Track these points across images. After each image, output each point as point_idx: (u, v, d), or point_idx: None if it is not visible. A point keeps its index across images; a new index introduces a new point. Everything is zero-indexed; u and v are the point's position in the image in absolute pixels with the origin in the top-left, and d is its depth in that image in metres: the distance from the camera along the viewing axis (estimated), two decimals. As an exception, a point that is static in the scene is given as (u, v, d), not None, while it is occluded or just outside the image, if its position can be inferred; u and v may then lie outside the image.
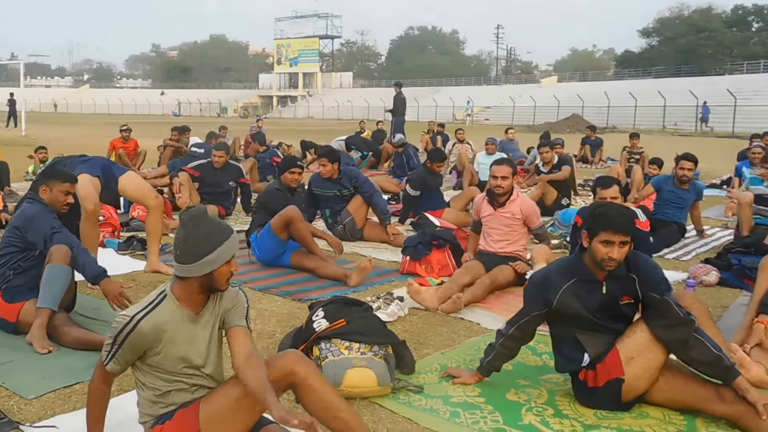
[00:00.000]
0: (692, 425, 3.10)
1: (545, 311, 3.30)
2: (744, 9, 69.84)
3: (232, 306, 2.68)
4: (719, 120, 37.88)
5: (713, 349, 3.03)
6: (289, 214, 5.74)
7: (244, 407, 2.58)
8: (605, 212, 3.18)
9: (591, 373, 3.19)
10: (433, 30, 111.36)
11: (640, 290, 3.17)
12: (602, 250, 3.13)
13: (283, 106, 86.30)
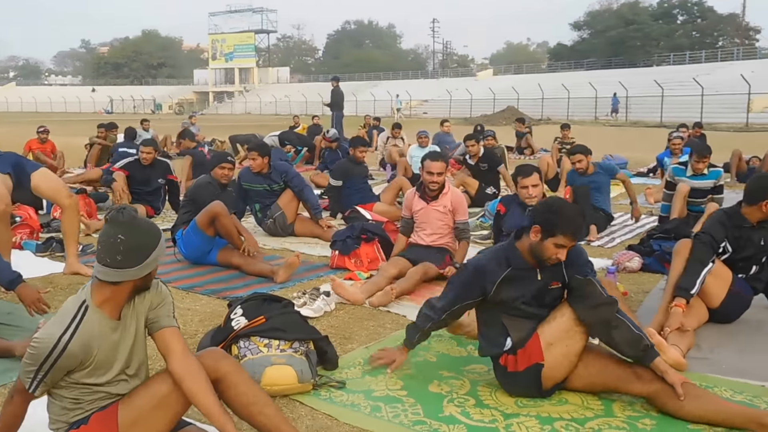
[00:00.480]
0: (609, 409, 3.14)
1: (480, 299, 3.31)
2: (669, 2, 71.88)
3: (158, 303, 2.59)
4: (648, 111, 38.86)
5: (634, 329, 3.08)
6: (214, 210, 5.62)
7: (167, 406, 2.51)
8: (569, 217, 3.19)
9: (511, 358, 3.20)
10: (369, 24, 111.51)
11: (566, 273, 3.22)
12: (553, 251, 3.16)
13: (219, 102, 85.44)
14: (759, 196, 4.22)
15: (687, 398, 2.98)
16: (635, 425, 2.99)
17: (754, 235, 4.26)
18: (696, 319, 4.12)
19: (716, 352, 3.90)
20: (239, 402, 2.58)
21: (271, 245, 6.80)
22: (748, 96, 33.99)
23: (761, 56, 56.26)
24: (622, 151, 15.66)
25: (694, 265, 4.06)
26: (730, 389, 3.37)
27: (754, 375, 3.54)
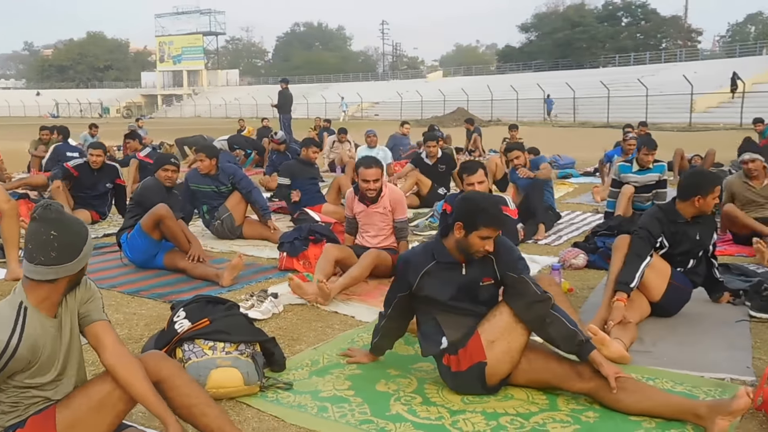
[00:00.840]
0: (554, 403, 3.19)
1: (407, 293, 3.36)
2: (614, 4, 73.20)
3: (88, 298, 2.56)
4: (595, 111, 39.52)
5: (569, 324, 3.12)
6: (159, 212, 5.56)
7: (107, 407, 2.48)
8: (487, 209, 3.25)
9: (454, 358, 3.23)
10: (319, 26, 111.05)
11: (498, 270, 3.26)
12: (479, 243, 3.21)
13: (168, 106, 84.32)
14: (691, 192, 4.33)
15: (626, 392, 3.04)
16: (579, 418, 3.04)
17: (690, 231, 4.38)
18: (638, 312, 4.21)
19: (658, 345, 3.98)
20: (181, 403, 2.56)
21: (219, 248, 6.75)
22: (690, 96, 34.82)
23: (703, 57, 57.84)
24: (569, 151, 15.92)
25: (632, 260, 4.15)
26: (671, 380, 3.45)
27: (694, 366, 3.63)
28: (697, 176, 4.55)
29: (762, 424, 2.97)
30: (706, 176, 4.53)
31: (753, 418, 3.02)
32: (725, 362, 3.67)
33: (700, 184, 4.36)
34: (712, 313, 4.53)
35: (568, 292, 4.98)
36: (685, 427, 2.93)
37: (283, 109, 19.93)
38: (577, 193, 10.93)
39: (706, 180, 4.41)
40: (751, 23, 79.46)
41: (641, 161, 7.27)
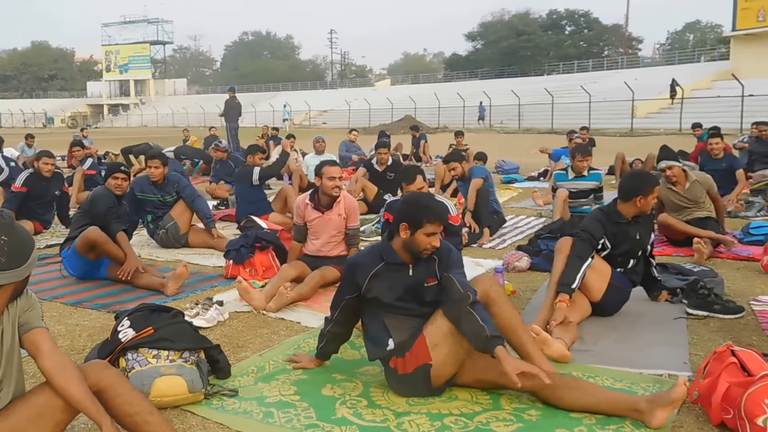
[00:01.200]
0: (497, 403, 3.24)
1: (356, 295, 3.39)
2: (558, 14, 74.66)
3: (28, 307, 2.53)
4: (539, 118, 40.16)
5: (480, 320, 3.11)
6: (90, 237, 5.49)
7: (46, 417, 2.45)
8: (429, 205, 3.31)
9: (401, 360, 3.26)
10: (267, 35, 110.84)
11: (439, 271, 3.32)
12: (426, 241, 3.26)
13: (114, 115, 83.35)
14: (633, 193, 4.46)
15: (565, 390, 3.11)
16: (521, 416, 3.09)
17: (630, 230, 4.50)
18: (579, 313, 4.31)
19: (598, 344, 4.07)
20: (124, 412, 2.55)
21: (164, 257, 6.70)
22: (632, 102, 35.70)
23: (644, 65, 59.36)
24: (514, 157, 16.17)
25: (574, 261, 4.24)
26: (611, 378, 3.53)
27: (633, 363, 3.72)
28: (638, 177, 4.69)
29: (698, 418, 3.06)
30: (646, 177, 4.66)
31: (689, 412, 3.12)
32: (663, 359, 3.77)
33: (641, 185, 4.49)
34: (651, 311, 4.65)
35: (511, 295, 5.07)
36: (624, 422, 3.00)
37: (229, 117, 19.81)
38: (521, 197, 11.10)
39: (646, 181, 4.55)
40: (689, 31, 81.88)
41: (576, 168, 7.44)
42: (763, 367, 2.94)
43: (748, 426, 2.74)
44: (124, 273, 5.51)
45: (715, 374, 3.01)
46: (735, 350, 3.05)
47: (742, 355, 3.01)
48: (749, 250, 6.41)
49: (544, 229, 6.68)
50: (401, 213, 3.38)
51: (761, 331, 4.23)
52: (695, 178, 6.78)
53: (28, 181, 7.99)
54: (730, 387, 2.89)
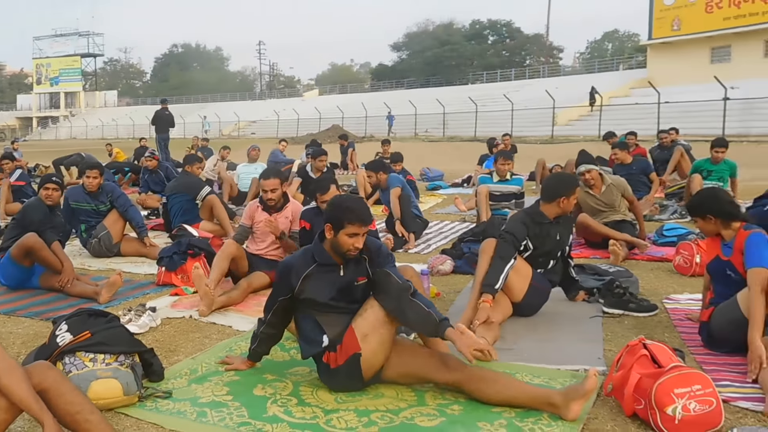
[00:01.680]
0: (422, 399, 3.36)
1: (289, 296, 3.48)
2: (480, 23, 76.07)
3: None
4: (463, 126, 40.81)
5: (425, 307, 3.29)
6: (28, 243, 5.45)
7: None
8: (350, 207, 3.40)
9: (332, 354, 3.36)
10: (197, 47, 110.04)
11: (370, 269, 3.44)
12: (348, 242, 3.36)
13: (43, 128, 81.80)
14: (556, 194, 4.66)
15: (487, 382, 3.24)
16: (445, 411, 3.22)
17: (552, 230, 4.70)
18: (501, 313, 4.45)
19: (519, 342, 4.23)
20: (65, 411, 2.61)
21: (97, 266, 6.70)
22: (553, 110, 36.60)
23: (564, 73, 60.89)
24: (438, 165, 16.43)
25: (497, 263, 4.37)
26: (530, 374, 3.68)
27: (551, 360, 3.89)
28: (561, 179, 4.89)
29: (611, 409, 3.22)
30: (567, 179, 4.89)
31: (604, 404, 3.27)
32: (579, 355, 3.95)
33: (563, 186, 4.70)
34: (569, 311, 4.85)
35: (435, 297, 5.18)
36: (542, 414, 3.14)
37: (158, 129, 19.75)
38: (445, 203, 11.31)
39: (568, 182, 4.77)
40: (608, 40, 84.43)
41: (499, 171, 7.66)
42: (673, 359, 3.11)
43: (658, 415, 2.90)
44: (62, 281, 5.49)
45: (627, 367, 3.17)
46: (647, 343, 3.22)
47: (653, 348, 3.18)
48: (662, 251, 6.71)
49: (467, 233, 6.84)
50: (326, 213, 3.50)
51: (673, 328, 4.46)
52: (611, 182, 7.05)
53: None
54: (641, 378, 3.05)
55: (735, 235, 3.92)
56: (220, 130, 56.63)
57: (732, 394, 3.28)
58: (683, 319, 4.57)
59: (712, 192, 4.26)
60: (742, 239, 3.84)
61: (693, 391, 2.88)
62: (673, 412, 2.86)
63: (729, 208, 3.99)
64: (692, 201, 4.30)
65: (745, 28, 38.62)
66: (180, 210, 7.91)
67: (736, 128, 28.29)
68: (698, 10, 41.13)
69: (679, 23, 42.08)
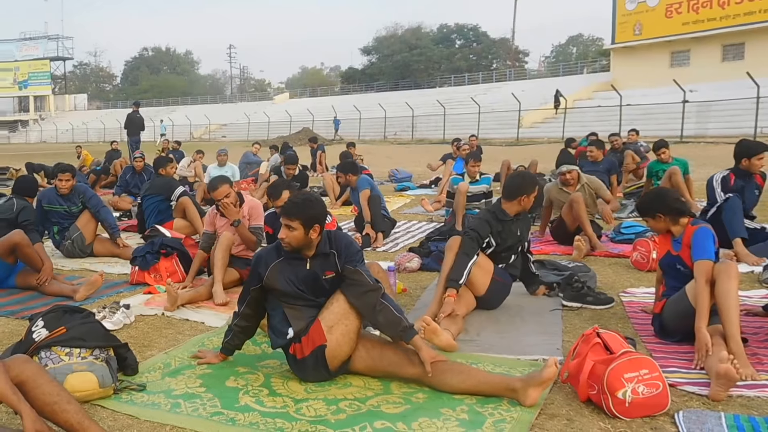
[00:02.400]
0: (388, 388, 3.51)
1: (259, 286, 3.63)
2: (448, 28, 76.52)
3: None
4: (432, 129, 41.15)
5: (396, 312, 3.48)
6: (14, 240, 5.51)
7: None
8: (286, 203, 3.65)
9: (298, 345, 3.51)
10: (167, 51, 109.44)
11: (339, 264, 3.58)
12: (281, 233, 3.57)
13: (12, 132, 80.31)
14: (518, 192, 4.87)
15: (451, 373, 3.40)
16: (410, 399, 3.37)
17: (513, 226, 4.90)
18: (465, 306, 4.63)
19: (481, 334, 4.40)
20: (43, 401, 2.70)
21: (70, 266, 6.77)
22: (518, 113, 37.08)
23: (530, 77, 61.59)
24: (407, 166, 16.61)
25: (461, 258, 4.55)
26: (491, 364, 3.85)
27: (510, 351, 4.07)
28: (521, 178, 5.06)
29: (567, 395, 3.39)
30: (528, 178, 5.08)
31: (560, 390, 3.45)
32: (538, 346, 4.13)
33: (524, 185, 4.91)
34: (530, 304, 5.04)
35: (402, 292, 5.34)
36: (501, 401, 3.30)
37: (130, 131, 19.79)
38: (413, 204, 11.48)
39: (529, 181, 4.98)
40: (573, 44, 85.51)
41: (470, 173, 7.85)
42: (624, 346, 3.28)
43: (610, 399, 3.08)
44: (41, 279, 5.57)
45: (582, 355, 3.34)
46: (600, 332, 3.39)
47: (606, 337, 3.36)
48: (620, 248, 6.95)
49: (434, 232, 7.01)
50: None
51: (627, 319, 4.67)
52: (586, 181, 7.26)
53: None
54: (594, 365, 3.22)
55: (683, 231, 4.15)
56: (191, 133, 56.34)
57: (679, 379, 3.47)
58: (638, 311, 4.79)
59: (658, 191, 4.56)
60: (690, 234, 4.07)
61: (641, 375, 3.07)
62: (624, 396, 3.04)
63: (676, 204, 4.21)
64: (641, 202, 4.53)
65: (704, 33, 39.55)
66: (154, 211, 7.96)
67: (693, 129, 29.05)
68: (658, 15, 41.95)
69: (641, 28, 42.87)
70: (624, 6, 44.00)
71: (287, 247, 3.58)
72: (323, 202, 3.79)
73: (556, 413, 3.19)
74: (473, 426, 3.05)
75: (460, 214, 7.73)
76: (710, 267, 3.81)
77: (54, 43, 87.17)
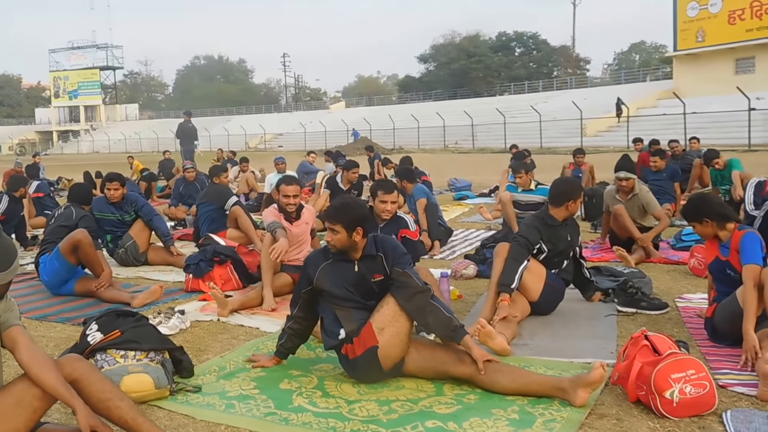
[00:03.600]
0: (440, 390, 3.57)
1: (310, 288, 3.75)
2: (507, 35, 76.02)
3: (7, 308, 2.80)
4: (492, 138, 40.98)
5: (446, 312, 3.55)
6: (77, 237, 5.71)
7: (27, 404, 2.69)
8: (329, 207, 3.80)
9: (350, 346, 3.60)
10: (220, 59, 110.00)
11: (387, 266, 3.68)
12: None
13: (64, 142, 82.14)
14: (565, 197, 4.90)
15: (501, 373, 3.46)
16: (462, 400, 3.43)
17: (563, 231, 4.93)
18: (520, 311, 4.66)
19: (535, 338, 4.44)
20: (97, 398, 2.79)
21: (125, 274, 6.90)
22: (580, 121, 36.66)
23: (592, 85, 60.79)
24: (467, 175, 16.67)
25: (511, 264, 4.61)
26: (543, 366, 3.89)
27: (563, 354, 4.10)
28: (567, 184, 5.12)
29: (618, 396, 3.41)
30: (573, 184, 5.15)
31: (611, 392, 3.47)
32: (592, 349, 4.15)
33: (571, 190, 4.96)
34: (584, 310, 5.05)
35: (457, 299, 5.43)
36: (552, 401, 3.34)
37: (183, 141, 19.97)
38: (472, 213, 11.54)
39: (574, 187, 5.04)
40: (635, 52, 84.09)
41: (519, 184, 7.92)
42: (671, 347, 3.33)
43: (658, 399, 3.12)
44: (100, 283, 5.74)
45: (631, 357, 3.38)
46: (648, 335, 3.44)
47: (654, 339, 3.40)
48: (679, 255, 6.89)
49: (489, 239, 7.07)
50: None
51: (683, 324, 4.64)
52: (637, 193, 7.24)
53: (7, 210, 8.46)
54: (642, 366, 3.26)
55: (731, 236, 4.18)
56: (246, 143, 57.27)
57: (731, 380, 3.49)
58: (693, 316, 4.76)
59: (703, 197, 4.56)
60: (737, 239, 4.09)
61: (688, 376, 3.10)
62: (671, 396, 3.08)
63: (721, 210, 4.25)
64: (686, 207, 4.51)
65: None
66: (208, 219, 8.04)
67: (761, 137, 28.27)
68: (721, 21, 40.97)
69: (703, 35, 41.91)
70: (685, 13, 43.10)
71: (333, 249, 3.71)
72: (365, 206, 3.91)
73: (605, 413, 3.22)
74: (523, 425, 3.10)
75: (512, 223, 7.68)
76: (758, 271, 3.83)
77: (103, 52, 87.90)
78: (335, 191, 9.97)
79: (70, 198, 6.66)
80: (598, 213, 8.82)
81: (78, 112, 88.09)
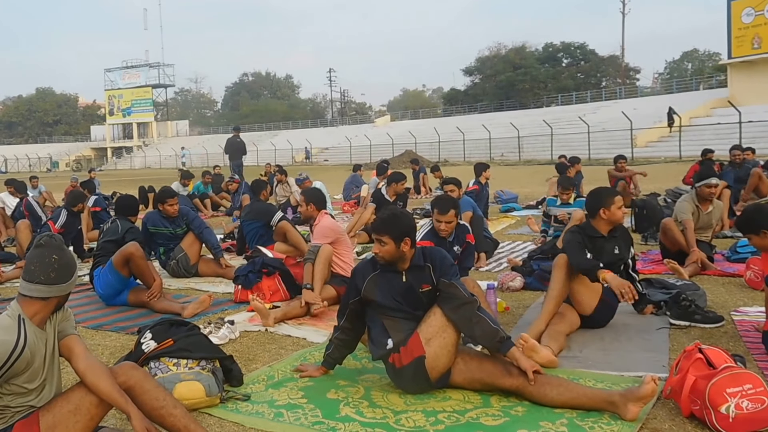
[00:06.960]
0: (487, 402, 3.54)
1: (358, 299, 3.78)
2: (554, 46, 75.34)
3: (65, 318, 2.91)
4: (539, 149, 40.65)
5: (492, 324, 3.53)
6: (129, 250, 5.90)
7: (83, 410, 2.77)
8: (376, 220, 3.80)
9: (397, 356, 3.61)
10: (267, 75, 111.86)
11: (434, 277, 3.67)
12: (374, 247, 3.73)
13: (118, 158, 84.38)
14: (596, 207, 4.81)
15: (550, 386, 3.42)
16: (509, 412, 3.39)
17: (607, 245, 4.80)
18: (568, 325, 4.58)
19: (584, 351, 4.37)
20: (151, 406, 2.87)
21: (176, 285, 7.06)
22: (630, 132, 36.10)
23: (642, 94, 59.91)
24: (513, 187, 16.55)
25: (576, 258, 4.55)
26: (593, 379, 3.83)
27: (614, 367, 4.02)
28: (596, 193, 4.96)
29: (671, 411, 3.34)
30: (604, 190, 4.98)
31: (663, 406, 3.40)
32: (643, 363, 4.07)
33: (600, 198, 4.84)
34: (636, 322, 4.96)
35: (504, 311, 5.37)
36: (602, 415, 3.29)
37: (231, 156, 20.36)
38: (518, 225, 11.45)
39: (605, 193, 4.89)
40: (687, 60, 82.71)
41: (561, 198, 7.85)
42: (727, 361, 3.24)
43: (713, 414, 3.04)
44: (151, 293, 5.90)
45: (684, 370, 3.30)
46: (702, 348, 3.35)
47: (708, 352, 3.31)
48: (735, 267, 6.72)
49: (535, 251, 6.99)
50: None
51: (739, 338, 4.52)
52: (719, 203, 7.08)
53: (66, 223, 8.65)
54: (696, 380, 3.18)
55: None
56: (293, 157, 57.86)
57: (790, 396, 3.37)
58: (750, 329, 4.63)
59: (760, 208, 4.39)
60: None
61: (745, 390, 3.01)
62: (727, 411, 2.99)
63: None
64: (741, 219, 4.37)
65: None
66: (255, 236, 8.13)
67: (820, 147, 27.35)
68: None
69: (760, 41, 40.92)
70: (740, 19, 42.16)
71: (381, 261, 3.72)
72: (410, 217, 3.91)
73: (658, 428, 3.15)
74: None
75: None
76: None
77: (155, 71, 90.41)
78: (381, 204, 9.98)
79: (117, 211, 6.84)
80: (649, 224, 8.66)
81: (131, 129, 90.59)
